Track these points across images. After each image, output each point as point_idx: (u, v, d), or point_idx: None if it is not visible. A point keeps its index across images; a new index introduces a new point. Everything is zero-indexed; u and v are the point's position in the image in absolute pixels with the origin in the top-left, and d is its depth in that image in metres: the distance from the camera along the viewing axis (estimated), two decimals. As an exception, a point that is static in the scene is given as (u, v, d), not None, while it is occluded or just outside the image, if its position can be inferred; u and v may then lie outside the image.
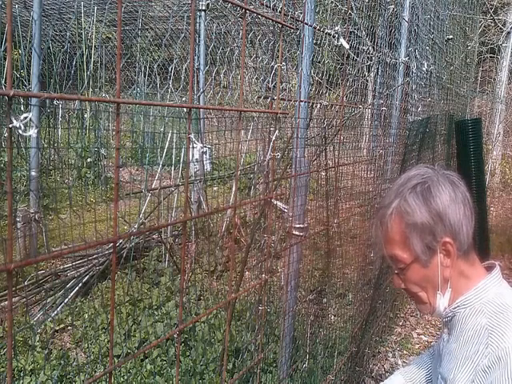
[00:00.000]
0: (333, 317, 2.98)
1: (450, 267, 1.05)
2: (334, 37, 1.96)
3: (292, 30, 4.49)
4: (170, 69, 4.26)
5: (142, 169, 7.62)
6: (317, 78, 2.69)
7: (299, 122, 1.94)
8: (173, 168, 5.01)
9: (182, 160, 4.58)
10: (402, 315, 3.88)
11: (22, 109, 6.71)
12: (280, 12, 1.57)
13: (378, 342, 3.28)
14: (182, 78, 4.08)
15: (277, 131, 1.03)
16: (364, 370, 2.90)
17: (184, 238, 0.81)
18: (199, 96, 4.91)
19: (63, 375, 2.64)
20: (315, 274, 3.15)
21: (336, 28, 1.95)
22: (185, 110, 3.71)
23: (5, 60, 6.53)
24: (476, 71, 9.45)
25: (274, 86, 2.84)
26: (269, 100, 2.65)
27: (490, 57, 10.73)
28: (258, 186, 5.27)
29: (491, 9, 9.30)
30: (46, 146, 5.66)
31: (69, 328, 3.23)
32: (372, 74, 6.11)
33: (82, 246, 0.60)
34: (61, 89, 6.51)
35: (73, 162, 7.21)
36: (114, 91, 11.50)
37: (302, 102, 1.94)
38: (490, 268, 1.11)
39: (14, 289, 3.36)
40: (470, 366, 0.98)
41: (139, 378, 2.61)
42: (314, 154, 2.38)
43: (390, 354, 3.26)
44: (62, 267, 3.97)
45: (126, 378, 2.62)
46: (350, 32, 2.41)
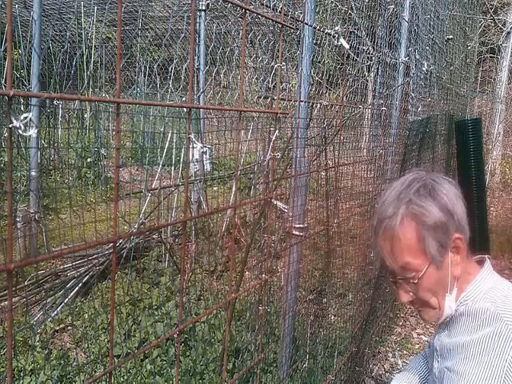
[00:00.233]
0: (333, 317, 2.98)
1: (459, 264, 1.05)
2: (334, 37, 1.96)
3: (292, 30, 4.49)
4: (170, 69, 4.26)
5: (142, 169, 7.62)
6: (317, 78, 2.69)
7: (299, 122, 1.94)
8: (173, 168, 5.00)
9: (182, 160, 4.58)
10: (402, 315, 3.88)
11: (22, 109, 6.71)
12: (280, 12, 1.57)
13: (377, 342, 3.28)
14: (182, 78, 4.08)
15: (277, 131, 1.03)
16: (364, 370, 2.90)
17: (184, 237, 0.81)
18: (199, 96, 4.91)
19: (63, 375, 2.64)
20: (315, 273, 3.15)
21: (336, 28, 1.95)
22: (185, 109, 3.71)
23: (5, 60, 6.53)
24: (476, 71, 9.45)
25: (274, 86, 2.84)
26: (269, 100, 2.65)
27: (490, 57, 10.73)
28: (258, 186, 5.27)
29: (491, 9, 9.29)
30: (46, 145, 5.66)
31: (69, 328, 3.23)
32: (372, 74, 6.11)
33: (82, 246, 0.60)
34: (61, 89, 6.51)
35: (73, 162, 7.21)
36: (114, 91, 11.49)
37: (302, 102, 1.94)
38: (481, 262, 1.13)
39: (14, 289, 3.36)
40: (491, 350, 0.95)
41: (139, 378, 2.61)
42: (314, 154, 2.38)
43: (390, 354, 3.26)
44: (62, 267, 3.97)
45: (125, 378, 2.62)
46: (350, 32, 2.41)
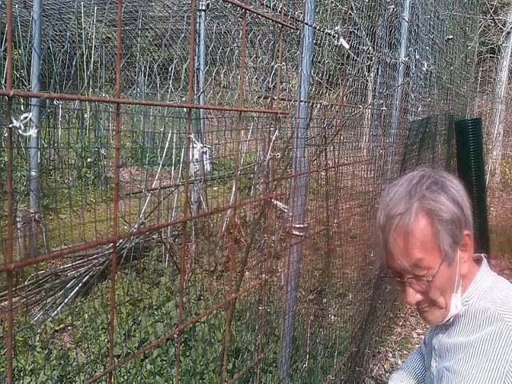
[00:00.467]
0: (333, 317, 2.98)
1: (467, 261, 1.04)
2: (334, 37, 1.96)
3: (292, 30, 4.49)
4: (170, 69, 4.26)
5: (142, 169, 7.62)
6: (317, 78, 2.69)
7: (299, 122, 1.94)
8: (173, 168, 5.00)
9: (182, 160, 4.58)
10: (402, 315, 3.88)
11: (22, 109, 6.71)
12: (280, 12, 1.57)
13: (378, 342, 3.28)
14: (182, 78, 4.08)
15: (277, 131, 1.03)
16: (364, 370, 2.90)
17: (184, 237, 0.81)
18: (199, 96, 4.91)
19: (63, 375, 2.64)
20: (315, 273, 3.15)
21: (336, 28, 1.95)
22: (185, 109, 3.71)
23: (5, 60, 6.53)
24: (476, 71, 9.45)
25: (274, 86, 2.84)
26: (269, 100, 2.65)
27: (490, 57, 10.73)
28: (258, 186, 5.27)
29: (491, 9, 9.29)
30: (46, 145, 5.66)
31: (69, 328, 3.23)
32: (372, 74, 6.11)
33: (82, 246, 0.60)
34: (61, 89, 6.51)
35: (73, 162, 7.21)
36: (114, 91, 11.49)
37: (302, 102, 1.94)
38: (478, 261, 1.12)
39: (14, 289, 3.36)
40: (492, 350, 0.95)
41: (139, 378, 2.61)
42: (314, 154, 2.38)
43: (390, 354, 3.26)
44: (62, 267, 3.97)
45: (125, 378, 2.62)
46: (350, 32, 2.41)
